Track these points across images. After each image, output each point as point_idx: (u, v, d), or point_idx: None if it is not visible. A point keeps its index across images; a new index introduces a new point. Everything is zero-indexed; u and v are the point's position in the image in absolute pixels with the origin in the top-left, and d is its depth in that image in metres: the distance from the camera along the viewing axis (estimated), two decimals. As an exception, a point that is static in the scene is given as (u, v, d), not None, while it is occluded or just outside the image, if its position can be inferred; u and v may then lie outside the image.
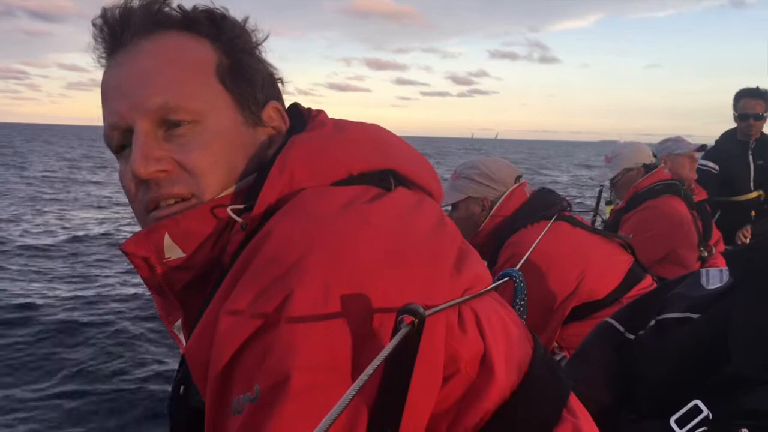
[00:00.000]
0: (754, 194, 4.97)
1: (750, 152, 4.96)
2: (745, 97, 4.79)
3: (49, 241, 10.98)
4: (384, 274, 0.80)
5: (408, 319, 0.71)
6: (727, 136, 5.08)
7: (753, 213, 4.93)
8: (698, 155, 4.24)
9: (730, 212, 4.96)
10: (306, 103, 1.11)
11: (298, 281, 0.76)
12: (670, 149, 4.21)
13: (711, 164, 4.96)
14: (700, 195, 4.27)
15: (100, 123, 1.00)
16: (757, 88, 4.76)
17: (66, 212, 14.83)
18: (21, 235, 11.34)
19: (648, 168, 3.82)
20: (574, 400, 0.99)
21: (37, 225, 12.64)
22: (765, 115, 4.78)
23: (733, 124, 5.07)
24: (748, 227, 4.75)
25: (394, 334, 0.71)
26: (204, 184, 0.93)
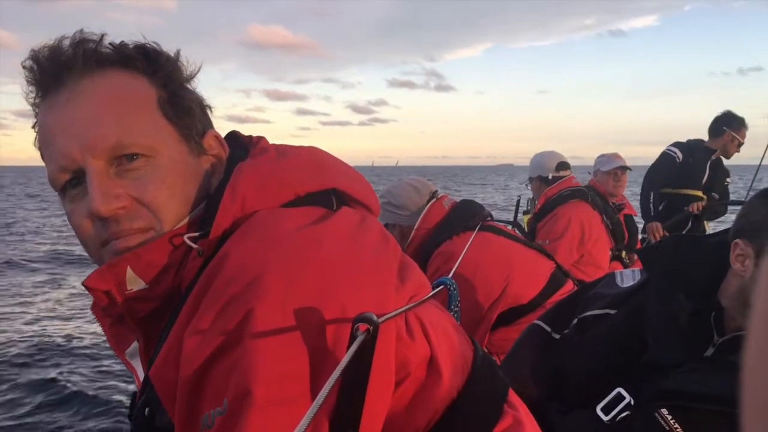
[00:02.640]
0: (698, 192, 5.52)
1: (709, 162, 5.52)
2: (744, 128, 5.41)
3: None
4: (338, 288, 0.85)
5: (363, 327, 0.76)
6: (696, 141, 5.63)
7: (693, 208, 5.43)
8: (623, 174, 4.56)
9: (674, 204, 5.50)
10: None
11: (257, 298, 0.80)
12: (598, 165, 4.59)
13: (677, 151, 5.52)
14: (630, 210, 4.64)
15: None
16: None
17: None
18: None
19: (544, 181, 4.09)
20: (512, 395, 1.07)
21: None
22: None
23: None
24: (704, 201, 5.37)
25: (350, 342, 0.76)
26: (162, 217, 0.95)
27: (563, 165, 4.18)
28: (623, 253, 4.13)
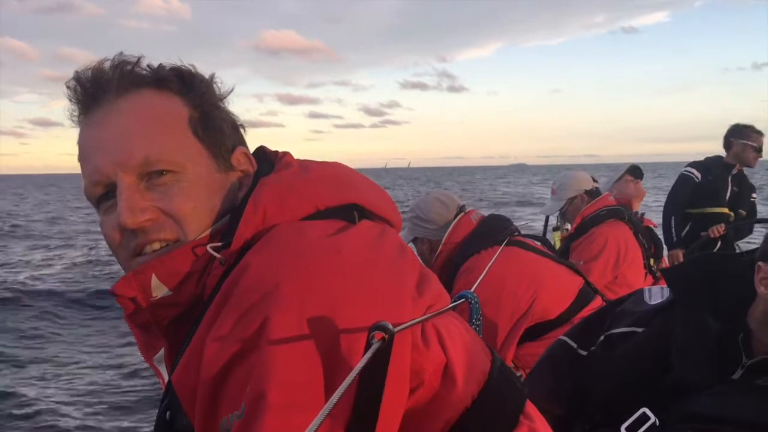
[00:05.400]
0: (725, 210, 5.37)
1: (730, 177, 5.38)
2: (756, 133, 5.26)
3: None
4: (354, 298, 0.87)
5: (379, 335, 0.77)
6: (714, 158, 5.50)
7: (722, 226, 5.26)
8: (635, 179, 4.66)
9: (700, 224, 5.35)
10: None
11: (274, 307, 0.82)
12: (611, 180, 4.64)
13: (695, 171, 5.39)
14: (648, 223, 4.59)
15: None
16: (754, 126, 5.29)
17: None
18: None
19: (590, 194, 4.02)
20: (530, 406, 1.07)
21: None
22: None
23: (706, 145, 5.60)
24: (722, 225, 5.18)
25: (366, 350, 0.77)
26: (187, 228, 0.99)
27: (594, 178, 4.15)
28: (651, 261, 4.05)
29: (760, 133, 5.26)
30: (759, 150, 5.25)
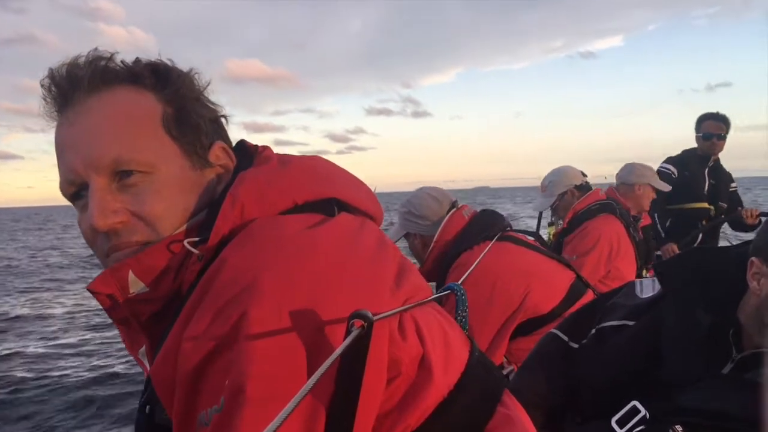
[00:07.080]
0: (704, 204, 5.33)
1: (707, 170, 5.34)
2: (708, 119, 5.21)
3: None
4: (331, 291, 0.88)
5: (358, 323, 0.78)
6: (689, 151, 5.44)
7: (704, 221, 5.26)
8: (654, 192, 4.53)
9: (680, 220, 5.31)
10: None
11: (252, 301, 0.83)
12: (648, 178, 4.37)
13: (671, 167, 5.32)
14: (646, 220, 4.52)
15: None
16: (718, 113, 5.21)
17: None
18: None
19: (580, 188, 4.00)
20: (508, 396, 1.08)
21: None
22: (725, 136, 5.22)
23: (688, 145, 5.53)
24: (757, 209, 5.14)
25: (346, 337, 0.78)
26: (160, 229, 0.99)
27: (583, 172, 4.12)
28: (643, 272, 4.04)
29: (716, 120, 5.19)
30: (709, 137, 5.20)
